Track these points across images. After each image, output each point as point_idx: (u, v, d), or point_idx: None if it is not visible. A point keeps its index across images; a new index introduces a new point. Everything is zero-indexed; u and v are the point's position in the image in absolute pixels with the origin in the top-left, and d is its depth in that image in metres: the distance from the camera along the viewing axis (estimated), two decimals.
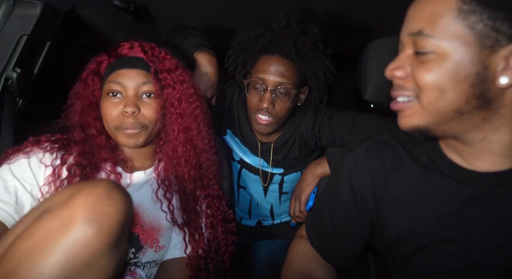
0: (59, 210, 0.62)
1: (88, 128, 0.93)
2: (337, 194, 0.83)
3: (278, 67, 1.14)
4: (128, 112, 0.89)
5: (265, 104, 1.15)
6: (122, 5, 1.30)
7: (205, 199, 1.03)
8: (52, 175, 0.86)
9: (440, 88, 0.59)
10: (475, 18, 0.56)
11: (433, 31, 0.59)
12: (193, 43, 1.23)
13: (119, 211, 0.64)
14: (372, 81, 1.26)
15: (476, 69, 0.57)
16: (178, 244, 1.01)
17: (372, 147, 0.79)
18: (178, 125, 0.96)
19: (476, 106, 0.59)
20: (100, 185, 0.65)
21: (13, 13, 1.03)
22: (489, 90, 0.58)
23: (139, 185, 0.97)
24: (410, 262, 0.78)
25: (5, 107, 1.05)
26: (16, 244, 0.62)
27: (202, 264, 0.99)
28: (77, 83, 0.97)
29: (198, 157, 1.00)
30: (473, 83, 0.58)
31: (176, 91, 0.95)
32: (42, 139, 0.91)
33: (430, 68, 0.60)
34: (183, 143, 0.97)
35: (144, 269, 0.94)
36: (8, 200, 0.81)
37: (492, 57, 0.56)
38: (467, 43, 0.57)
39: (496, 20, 0.55)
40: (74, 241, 0.59)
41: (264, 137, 1.33)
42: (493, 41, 0.56)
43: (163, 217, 0.97)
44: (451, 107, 0.60)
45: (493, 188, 0.67)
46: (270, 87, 1.15)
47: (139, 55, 0.93)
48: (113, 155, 0.94)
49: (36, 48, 1.12)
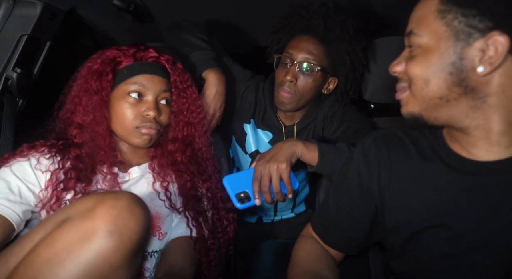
0: (81, 220, 0.62)
1: (98, 127, 0.91)
2: (345, 180, 0.89)
3: (307, 44, 1.19)
4: (151, 116, 0.93)
5: (288, 77, 1.18)
6: (122, 5, 1.30)
7: (204, 184, 1.06)
8: (50, 180, 0.87)
9: (424, 77, 0.69)
10: (451, 16, 0.65)
11: (419, 30, 0.69)
12: (202, 59, 1.22)
13: (140, 225, 0.65)
14: (372, 81, 1.26)
15: (451, 60, 0.66)
16: (179, 225, 1.02)
17: (380, 139, 0.86)
18: (183, 133, 1.03)
19: (460, 93, 0.67)
20: (123, 198, 0.65)
21: (13, 13, 1.03)
22: (469, 78, 0.65)
23: (135, 179, 0.99)
24: (407, 249, 0.82)
25: (5, 107, 1.05)
26: (37, 252, 0.62)
27: (210, 244, 1.01)
28: (83, 75, 0.94)
29: (198, 162, 1.06)
30: (450, 72, 0.66)
31: (186, 100, 1.02)
32: (37, 144, 0.92)
33: (416, 61, 0.70)
34: (182, 148, 1.03)
35: (151, 259, 0.94)
36: (13, 199, 0.81)
37: (467, 49, 0.65)
38: (445, 38, 0.66)
39: (469, 17, 0.64)
40: (95, 254, 0.60)
41: (288, 119, 1.34)
42: (466, 35, 0.64)
43: (162, 205, 0.99)
44: (434, 94, 0.69)
45: (489, 176, 0.71)
46: (296, 60, 1.18)
47: (162, 63, 0.99)
48: (111, 156, 0.95)
49: (36, 48, 1.12)
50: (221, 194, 1.07)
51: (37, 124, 0.98)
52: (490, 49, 0.63)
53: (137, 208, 0.66)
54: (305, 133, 1.34)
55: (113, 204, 0.64)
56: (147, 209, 0.69)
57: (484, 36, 0.63)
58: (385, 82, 1.24)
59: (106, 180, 0.93)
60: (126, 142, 0.98)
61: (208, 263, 1.00)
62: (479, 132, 0.69)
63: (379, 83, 1.25)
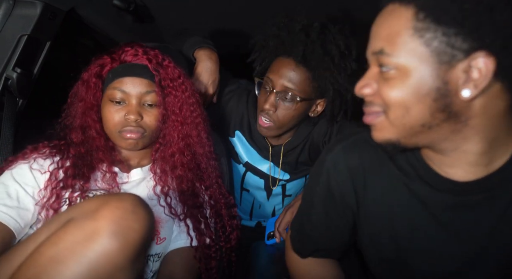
0: (85, 220, 0.63)
1: (89, 130, 0.95)
2: (316, 196, 0.83)
3: (288, 72, 1.10)
4: (131, 120, 0.91)
5: (266, 106, 1.13)
6: (122, 5, 1.30)
7: (207, 191, 1.04)
8: (49, 180, 0.88)
9: (404, 104, 0.61)
10: (430, 35, 0.57)
11: (392, 50, 0.60)
12: (194, 42, 1.22)
13: (143, 227, 0.65)
14: None
15: (436, 85, 0.58)
16: (180, 235, 1.01)
17: (350, 146, 0.79)
18: (178, 132, 0.99)
19: (443, 119, 0.61)
20: (127, 200, 0.66)
21: (13, 13, 1.03)
22: (453, 103, 0.59)
23: (136, 181, 0.99)
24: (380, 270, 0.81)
25: (5, 107, 1.05)
26: (40, 251, 0.62)
27: (212, 252, 1.00)
28: (78, 83, 0.97)
29: (198, 162, 1.03)
30: (435, 98, 0.59)
31: (178, 99, 0.96)
32: (40, 146, 0.93)
33: (393, 85, 0.61)
34: (181, 149, 1.00)
35: (148, 263, 0.94)
36: (10, 204, 0.82)
37: (451, 72, 0.57)
38: (425, 60, 0.58)
39: (450, 36, 0.56)
40: (98, 254, 0.60)
41: (274, 140, 1.31)
42: (449, 57, 0.57)
43: (162, 211, 0.98)
44: (416, 122, 0.62)
45: (467, 196, 0.68)
46: (276, 89, 1.12)
47: (144, 63, 0.94)
48: (110, 156, 0.96)
49: (36, 48, 1.12)
50: (225, 201, 1.06)
51: (37, 124, 0.99)
52: (473, 71, 0.57)
53: (141, 209, 0.66)
54: (294, 154, 1.32)
55: (117, 205, 0.64)
56: (151, 211, 0.69)
57: (468, 57, 0.56)
58: None
59: (105, 178, 0.93)
60: (114, 143, 0.98)
61: (209, 270, 0.99)
62: (458, 154, 0.65)
63: None
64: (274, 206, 1.48)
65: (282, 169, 1.36)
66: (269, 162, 1.35)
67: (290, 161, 1.34)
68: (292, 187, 1.42)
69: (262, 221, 1.51)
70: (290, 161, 1.34)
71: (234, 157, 1.39)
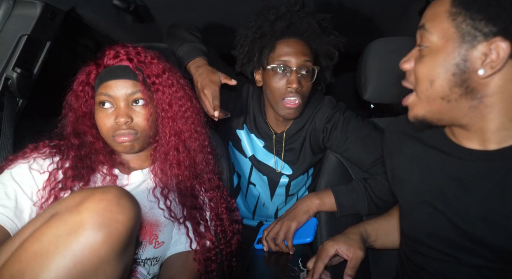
0: (69, 214, 0.62)
1: (84, 136, 0.95)
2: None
3: (299, 48, 1.18)
4: (121, 123, 0.90)
5: (294, 85, 1.16)
6: (122, 5, 1.30)
7: (207, 193, 1.04)
8: (48, 180, 0.87)
9: (430, 78, 0.73)
10: (461, 19, 0.69)
11: (431, 27, 0.73)
12: (184, 54, 1.22)
13: (128, 218, 0.64)
14: (372, 81, 1.26)
15: (456, 61, 0.70)
16: (180, 240, 1.01)
17: (395, 121, 0.98)
18: (170, 129, 0.97)
19: (460, 94, 0.71)
20: (110, 192, 0.65)
21: (13, 13, 1.03)
22: (470, 79, 0.70)
23: (136, 184, 0.98)
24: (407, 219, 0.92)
25: (5, 107, 1.06)
26: (24, 247, 0.62)
27: (212, 255, 1.00)
28: (68, 94, 0.97)
29: (193, 158, 1.01)
30: (454, 73, 0.70)
31: (165, 95, 0.96)
32: (40, 145, 0.93)
33: (425, 62, 0.74)
34: (174, 146, 0.98)
35: (144, 267, 0.94)
36: (8, 205, 0.82)
37: (471, 51, 0.68)
38: (453, 39, 0.70)
39: (475, 20, 0.68)
40: (83, 247, 0.59)
41: (279, 126, 1.33)
42: (471, 37, 0.68)
43: (161, 214, 0.98)
44: (437, 94, 0.73)
45: (480, 162, 0.76)
46: (295, 67, 1.17)
47: (125, 63, 0.93)
48: (110, 159, 0.95)
49: (36, 48, 1.12)
50: (226, 205, 1.05)
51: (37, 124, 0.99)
52: (493, 53, 0.67)
53: (125, 200, 0.65)
54: (295, 142, 1.34)
55: (101, 197, 0.63)
56: (136, 202, 0.68)
57: (488, 40, 0.67)
58: (385, 82, 1.24)
59: (105, 181, 0.93)
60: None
61: (209, 273, 0.99)
62: (476, 129, 0.75)
63: (379, 84, 1.25)
64: (277, 206, 1.48)
65: (284, 161, 1.37)
66: (273, 155, 1.37)
67: (293, 147, 1.35)
68: (294, 186, 1.43)
69: (264, 220, 1.52)
70: (293, 147, 1.35)
71: (240, 150, 1.40)
